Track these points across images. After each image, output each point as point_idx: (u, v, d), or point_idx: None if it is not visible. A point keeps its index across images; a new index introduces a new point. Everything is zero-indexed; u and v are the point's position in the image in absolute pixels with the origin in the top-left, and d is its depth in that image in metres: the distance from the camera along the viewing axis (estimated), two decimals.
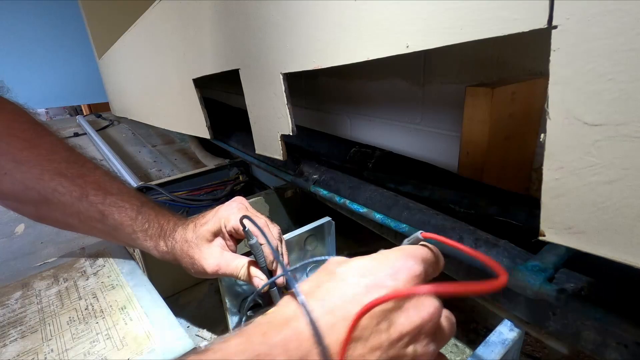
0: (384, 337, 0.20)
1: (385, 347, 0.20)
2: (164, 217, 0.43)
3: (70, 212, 0.41)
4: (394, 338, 0.20)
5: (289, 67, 0.40)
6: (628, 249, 0.19)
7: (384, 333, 0.20)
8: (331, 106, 0.84)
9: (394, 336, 0.20)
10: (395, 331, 0.20)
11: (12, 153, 0.39)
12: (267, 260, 0.38)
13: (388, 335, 0.20)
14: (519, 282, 0.27)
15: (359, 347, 0.19)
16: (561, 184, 0.21)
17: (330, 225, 0.53)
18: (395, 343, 0.20)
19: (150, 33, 0.82)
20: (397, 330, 0.20)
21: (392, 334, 0.20)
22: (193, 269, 0.40)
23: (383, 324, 0.20)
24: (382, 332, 0.20)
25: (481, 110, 0.43)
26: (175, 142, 1.62)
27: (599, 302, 0.24)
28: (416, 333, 0.21)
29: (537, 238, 0.23)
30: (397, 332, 0.20)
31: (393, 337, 0.20)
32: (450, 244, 0.24)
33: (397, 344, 0.20)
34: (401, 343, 0.20)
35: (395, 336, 0.20)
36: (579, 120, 0.19)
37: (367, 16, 0.29)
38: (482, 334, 0.46)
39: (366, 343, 0.20)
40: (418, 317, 0.21)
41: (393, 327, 0.20)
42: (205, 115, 0.68)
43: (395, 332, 0.20)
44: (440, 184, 0.44)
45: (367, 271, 0.22)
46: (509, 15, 0.20)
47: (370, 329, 0.20)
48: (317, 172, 0.53)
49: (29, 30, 2.02)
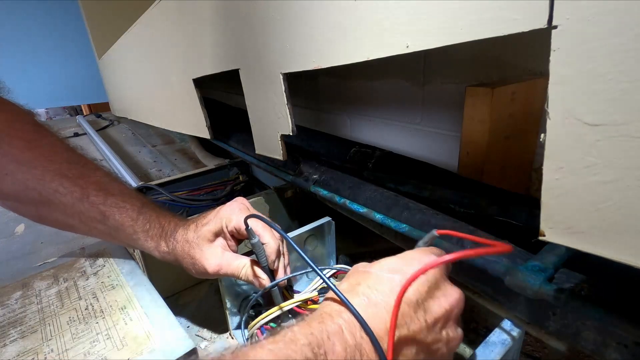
0: (422, 322, 0.23)
1: (424, 331, 0.23)
2: (165, 218, 0.43)
3: (71, 213, 0.41)
4: (430, 323, 0.23)
5: (289, 67, 0.40)
6: (628, 249, 0.19)
7: (421, 319, 0.23)
8: (331, 106, 0.84)
9: (430, 321, 0.23)
10: (430, 317, 0.23)
11: (13, 154, 0.39)
12: (269, 259, 0.38)
13: (425, 320, 0.23)
14: (519, 282, 0.27)
15: (403, 332, 0.22)
16: (561, 184, 0.21)
17: (330, 225, 0.53)
18: (431, 327, 0.23)
19: (150, 33, 0.82)
20: (432, 316, 0.23)
21: (429, 320, 0.23)
22: (194, 269, 0.40)
23: (419, 312, 0.23)
24: (420, 318, 0.23)
25: (481, 110, 0.43)
26: (175, 142, 1.62)
27: (599, 302, 0.24)
28: (447, 318, 0.24)
29: (537, 238, 0.23)
30: (432, 317, 0.23)
31: (429, 322, 0.23)
32: (465, 237, 0.27)
33: (433, 328, 0.23)
34: (437, 327, 0.23)
35: (431, 321, 0.23)
36: (579, 120, 0.19)
37: (367, 16, 0.29)
38: (482, 334, 0.46)
39: (408, 328, 0.23)
40: (447, 303, 0.24)
41: (428, 313, 0.23)
42: (205, 115, 0.68)
43: (430, 317, 0.23)
44: (440, 184, 0.44)
45: (397, 267, 0.25)
46: (509, 15, 0.20)
47: (409, 316, 0.23)
48: (317, 172, 0.53)
49: (29, 30, 2.02)
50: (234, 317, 0.46)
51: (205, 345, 0.47)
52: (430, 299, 0.24)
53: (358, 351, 0.22)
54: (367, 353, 0.22)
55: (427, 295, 0.24)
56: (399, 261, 0.26)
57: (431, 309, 0.24)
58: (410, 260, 0.25)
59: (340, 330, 0.22)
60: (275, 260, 0.39)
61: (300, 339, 0.21)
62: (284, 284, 0.40)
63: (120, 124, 2.08)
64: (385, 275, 0.24)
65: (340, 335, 0.22)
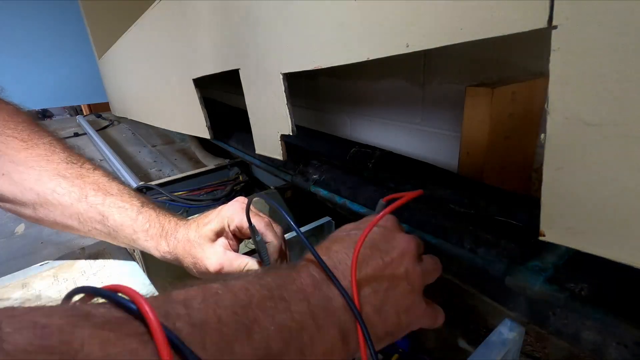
0: (380, 260, 0.27)
1: (381, 267, 0.27)
2: (165, 217, 0.43)
3: (70, 214, 0.41)
4: (387, 260, 0.28)
5: (289, 67, 0.40)
6: (628, 249, 0.19)
7: (379, 258, 0.28)
8: (331, 106, 0.84)
9: (387, 259, 0.28)
10: (386, 256, 0.28)
11: (9, 154, 0.39)
12: (272, 258, 0.39)
13: (382, 259, 0.28)
14: (519, 282, 0.27)
15: (363, 268, 0.27)
16: (561, 184, 0.21)
17: (330, 225, 0.53)
18: (389, 264, 0.28)
19: (150, 33, 0.82)
20: (388, 255, 0.28)
21: (385, 258, 0.28)
22: (195, 269, 0.40)
23: (376, 252, 0.28)
24: (377, 257, 0.27)
25: (481, 110, 0.43)
26: (175, 142, 1.62)
27: (599, 302, 0.24)
28: (402, 256, 0.28)
29: (537, 238, 0.23)
30: (389, 256, 0.28)
31: (386, 260, 0.28)
32: (404, 201, 0.30)
33: (390, 264, 0.28)
34: (394, 264, 0.28)
35: (388, 259, 0.28)
36: (579, 120, 0.19)
37: (367, 16, 0.29)
38: (482, 334, 0.46)
39: (367, 265, 0.27)
40: (399, 245, 0.29)
41: (384, 254, 0.28)
42: (205, 115, 0.68)
43: (387, 256, 0.28)
44: (440, 184, 0.44)
45: (354, 227, 0.31)
46: (509, 15, 0.20)
47: (369, 255, 0.27)
48: (317, 172, 0.53)
49: (29, 30, 2.02)
50: None
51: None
52: (384, 242, 0.29)
53: (325, 283, 0.25)
54: (332, 287, 0.25)
55: (381, 240, 0.29)
56: (356, 224, 0.32)
57: (386, 250, 0.28)
58: (365, 222, 0.31)
59: (306, 268, 0.26)
60: (278, 259, 0.39)
61: (270, 273, 0.25)
62: None
63: (120, 124, 2.08)
64: (345, 234, 0.30)
65: (307, 270, 0.26)
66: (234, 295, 0.21)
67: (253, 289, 0.22)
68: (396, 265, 0.28)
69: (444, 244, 0.34)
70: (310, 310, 0.23)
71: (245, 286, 0.22)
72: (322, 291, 0.25)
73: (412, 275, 0.28)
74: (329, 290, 0.25)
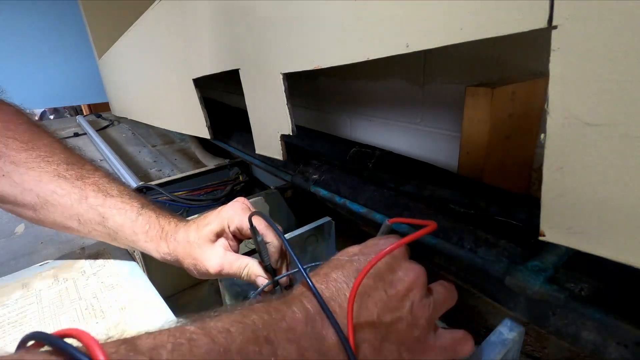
0: (383, 292, 0.25)
1: (385, 300, 0.25)
2: (165, 219, 0.43)
3: (70, 215, 0.41)
4: (392, 294, 0.25)
5: (289, 67, 0.40)
6: (628, 249, 0.19)
7: (382, 290, 0.25)
8: (331, 106, 0.84)
9: (391, 292, 0.25)
10: (391, 288, 0.25)
11: (9, 155, 0.39)
12: (272, 259, 0.39)
13: (386, 291, 0.25)
14: (519, 282, 0.27)
15: (364, 301, 0.24)
16: (561, 184, 0.21)
17: (330, 225, 0.53)
18: (393, 297, 0.25)
19: (150, 33, 0.82)
20: (393, 288, 0.26)
21: (389, 291, 0.25)
22: (196, 270, 0.40)
23: (380, 284, 0.25)
24: (380, 289, 0.25)
25: (481, 110, 0.43)
26: (175, 142, 1.62)
27: (599, 302, 0.24)
28: (409, 289, 0.26)
29: (537, 238, 0.23)
30: (394, 289, 0.25)
31: (391, 293, 0.25)
32: (411, 222, 0.29)
33: (394, 298, 0.25)
34: (398, 297, 0.25)
35: (392, 292, 0.25)
36: (579, 120, 0.19)
37: (367, 16, 0.29)
38: (482, 334, 0.46)
39: (369, 298, 0.25)
40: (407, 277, 0.26)
41: (389, 286, 0.26)
42: (205, 115, 0.68)
43: (392, 289, 0.25)
44: (441, 184, 0.44)
45: (359, 252, 0.28)
46: (509, 15, 0.20)
47: (371, 287, 0.25)
48: (317, 172, 0.53)
49: (29, 30, 2.02)
50: None
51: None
52: (390, 273, 0.26)
53: (319, 317, 0.23)
54: (326, 323, 0.23)
55: (386, 270, 0.26)
56: (360, 248, 0.29)
57: (392, 281, 0.26)
58: (371, 247, 0.29)
59: (300, 300, 0.24)
60: (278, 260, 0.39)
61: (259, 308, 0.22)
62: (285, 281, 0.40)
63: (120, 124, 2.08)
64: (347, 259, 0.27)
65: (300, 303, 0.24)
66: (211, 340, 0.19)
67: (235, 330, 0.20)
68: (401, 299, 0.25)
69: (444, 244, 0.34)
70: (299, 353, 0.21)
71: (227, 328, 0.20)
72: (314, 329, 0.23)
73: (417, 310, 0.25)
74: (323, 326, 0.23)
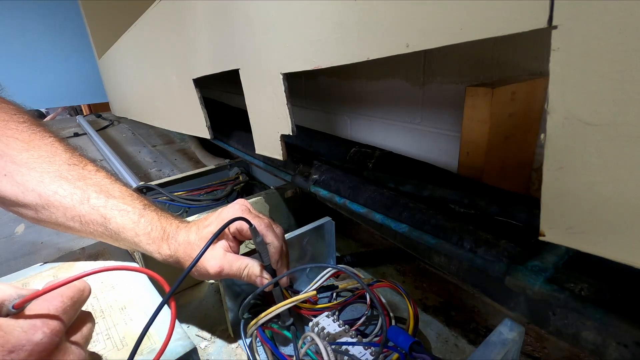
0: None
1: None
2: (167, 220, 0.43)
3: (72, 216, 0.41)
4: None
5: (289, 67, 0.40)
6: (628, 249, 0.19)
7: None
8: (331, 106, 0.84)
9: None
10: None
11: (11, 155, 0.39)
12: (272, 259, 0.39)
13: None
14: (519, 282, 0.27)
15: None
16: (561, 184, 0.21)
17: (330, 225, 0.53)
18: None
19: (150, 33, 0.82)
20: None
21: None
22: (196, 271, 0.40)
23: None
24: None
25: (481, 110, 0.43)
26: (175, 142, 1.62)
27: (599, 302, 0.24)
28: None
29: (537, 238, 0.23)
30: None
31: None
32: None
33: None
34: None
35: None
36: (579, 120, 0.19)
37: (367, 16, 0.29)
38: (482, 334, 0.46)
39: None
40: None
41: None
42: (205, 115, 0.68)
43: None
44: (440, 184, 0.44)
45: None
46: (509, 15, 0.20)
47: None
48: (317, 172, 0.53)
49: (29, 30, 2.02)
50: (234, 317, 0.46)
51: (205, 345, 0.47)
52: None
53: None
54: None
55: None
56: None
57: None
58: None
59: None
60: (278, 260, 0.39)
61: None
62: (285, 281, 0.40)
63: (120, 124, 2.08)
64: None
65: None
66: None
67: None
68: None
69: (444, 244, 0.34)
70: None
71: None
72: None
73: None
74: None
